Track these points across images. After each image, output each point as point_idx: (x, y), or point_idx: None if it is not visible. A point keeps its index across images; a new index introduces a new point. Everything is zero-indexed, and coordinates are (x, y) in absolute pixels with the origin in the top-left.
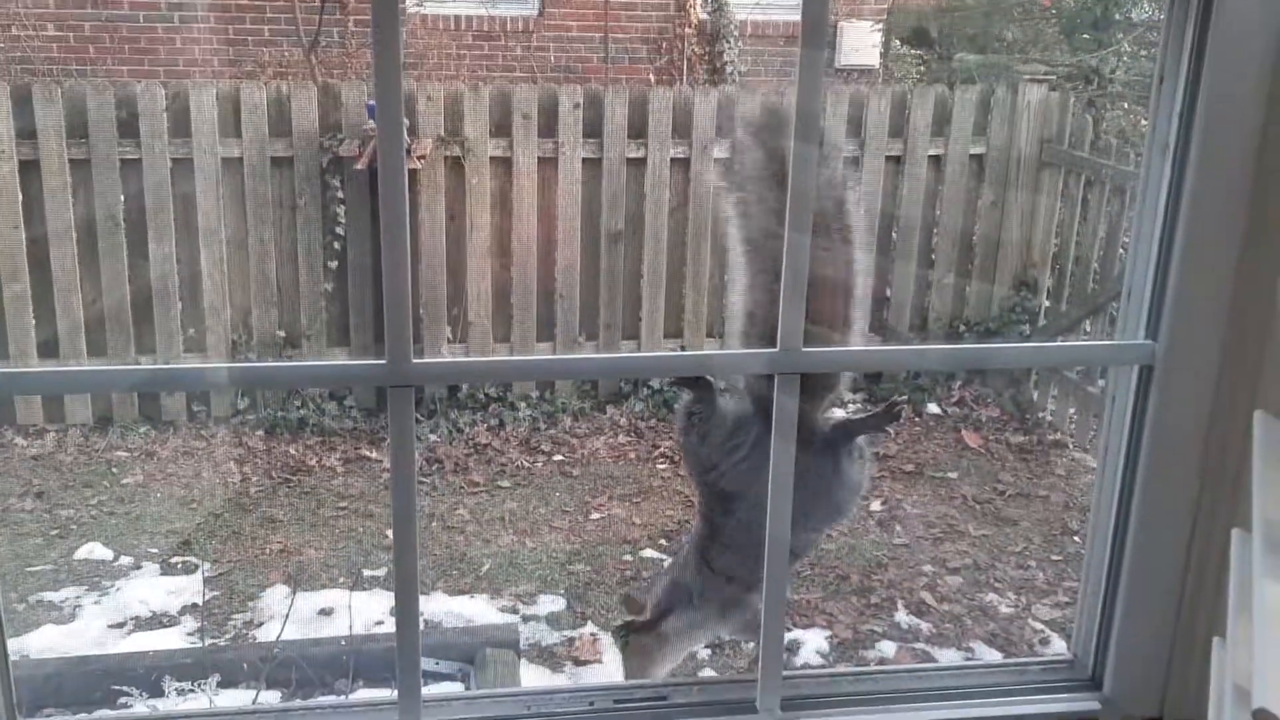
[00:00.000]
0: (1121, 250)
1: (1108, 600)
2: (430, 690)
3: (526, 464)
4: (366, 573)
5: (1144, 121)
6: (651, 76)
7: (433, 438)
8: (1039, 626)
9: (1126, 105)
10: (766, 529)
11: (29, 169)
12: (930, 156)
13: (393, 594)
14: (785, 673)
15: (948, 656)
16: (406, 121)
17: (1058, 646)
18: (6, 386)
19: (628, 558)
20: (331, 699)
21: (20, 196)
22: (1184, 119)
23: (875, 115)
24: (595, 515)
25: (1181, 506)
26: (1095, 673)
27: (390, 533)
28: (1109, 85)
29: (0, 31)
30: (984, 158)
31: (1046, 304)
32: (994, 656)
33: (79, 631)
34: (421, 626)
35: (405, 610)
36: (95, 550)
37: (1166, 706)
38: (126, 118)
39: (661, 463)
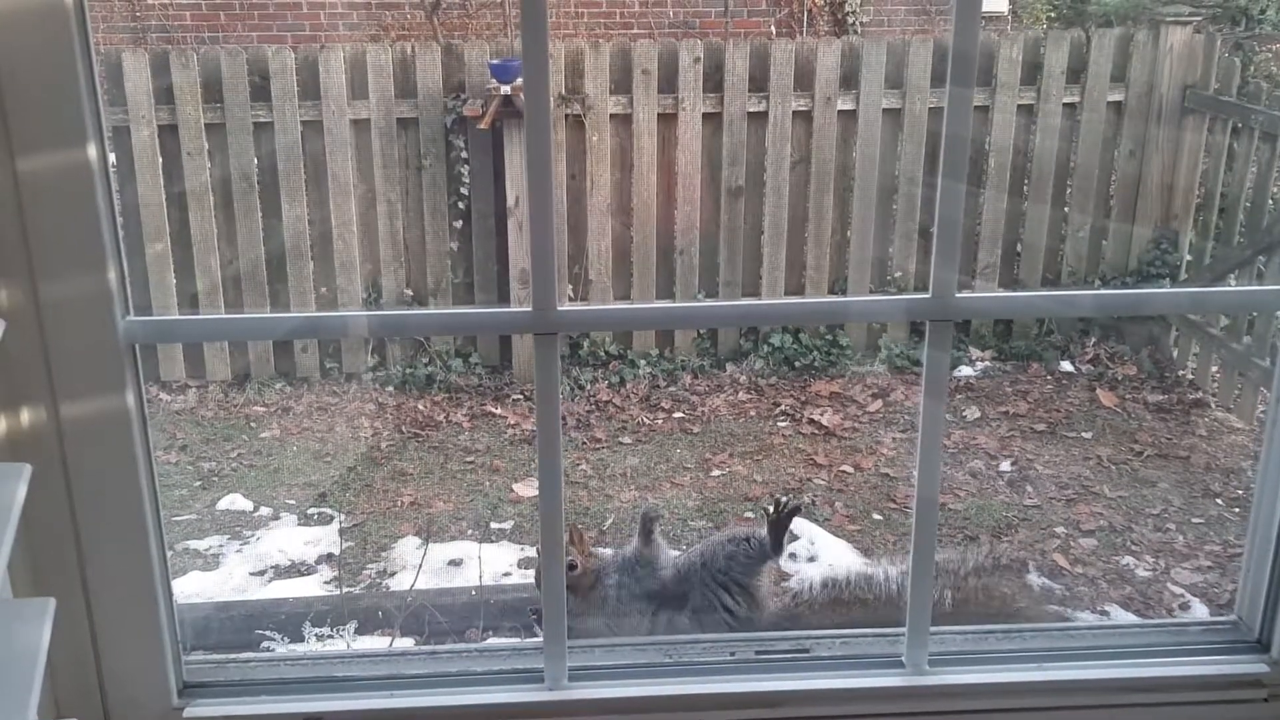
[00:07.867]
0: (1271, 201)
1: (1277, 561)
2: None
3: (647, 421)
4: (494, 525)
5: None
6: (772, 29)
7: None
8: (1178, 591)
9: (1278, 47)
10: (916, 489)
11: (167, 133)
12: (1065, 104)
13: (519, 546)
14: (932, 629)
15: (1081, 619)
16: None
17: (1199, 612)
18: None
19: (749, 514)
20: (476, 644)
21: (160, 159)
22: None
23: (1006, 63)
24: (716, 472)
25: None
26: (1262, 635)
27: (516, 487)
28: (1259, 25)
29: (138, 0)
30: (1122, 105)
31: (1188, 258)
32: (1129, 620)
33: (223, 579)
34: None
35: (550, 556)
36: (236, 501)
37: None
38: (259, 82)
39: (782, 420)
